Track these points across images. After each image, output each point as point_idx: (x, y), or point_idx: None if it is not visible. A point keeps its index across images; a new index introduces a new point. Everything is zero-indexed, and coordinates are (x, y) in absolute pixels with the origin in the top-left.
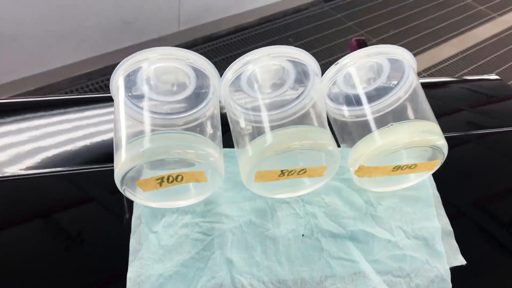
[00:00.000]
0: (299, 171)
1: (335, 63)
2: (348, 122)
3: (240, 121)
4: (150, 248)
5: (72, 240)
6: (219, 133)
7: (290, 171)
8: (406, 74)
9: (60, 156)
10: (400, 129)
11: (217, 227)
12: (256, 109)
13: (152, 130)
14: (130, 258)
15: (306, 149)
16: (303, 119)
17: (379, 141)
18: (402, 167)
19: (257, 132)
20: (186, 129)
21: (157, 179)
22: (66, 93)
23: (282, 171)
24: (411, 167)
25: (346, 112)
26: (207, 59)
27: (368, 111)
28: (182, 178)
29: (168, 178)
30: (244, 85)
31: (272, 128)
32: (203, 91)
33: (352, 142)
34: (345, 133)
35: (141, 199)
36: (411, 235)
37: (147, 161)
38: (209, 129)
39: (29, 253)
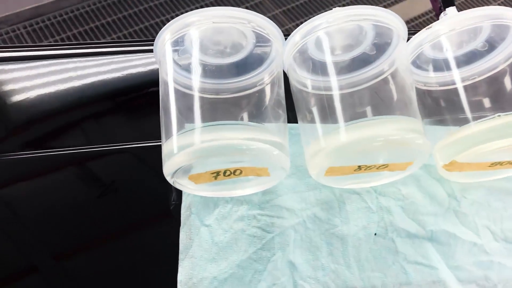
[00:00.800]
0: (379, 166)
1: (426, 27)
2: (432, 91)
3: (306, 89)
4: (202, 245)
5: (112, 225)
6: (282, 108)
7: (369, 166)
8: (510, 38)
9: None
10: (509, 122)
11: (278, 223)
12: (325, 73)
13: (202, 99)
14: (180, 256)
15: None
16: (379, 87)
17: (482, 137)
18: (502, 163)
19: (327, 101)
20: (243, 96)
21: (212, 173)
22: (83, 7)
23: (359, 166)
24: None
25: (431, 79)
26: (269, 20)
27: (458, 78)
28: (240, 172)
29: (224, 172)
30: (311, 47)
31: (344, 97)
32: (263, 54)
33: (435, 115)
34: (426, 104)
35: (192, 189)
36: (500, 237)
37: (200, 159)
38: (268, 98)
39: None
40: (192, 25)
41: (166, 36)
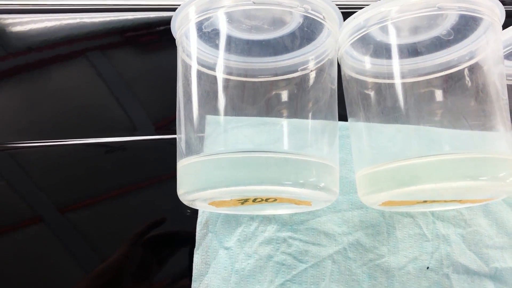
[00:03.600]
0: (449, 200)
1: None
2: None
3: (364, 78)
4: (219, 272)
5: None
6: (332, 105)
7: (437, 201)
8: None
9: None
10: None
11: (313, 251)
12: (388, 57)
13: (226, 84)
14: (193, 284)
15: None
16: (450, 82)
17: None
18: None
19: (389, 93)
20: (279, 82)
21: (239, 200)
22: None
23: (425, 201)
24: None
25: None
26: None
27: None
28: (275, 200)
29: (254, 199)
30: (375, 30)
31: (406, 87)
32: (310, 32)
33: None
34: None
35: (211, 210)
36: None
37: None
38: (314, 89)
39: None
40: (224, 5)
41: (190, 13)
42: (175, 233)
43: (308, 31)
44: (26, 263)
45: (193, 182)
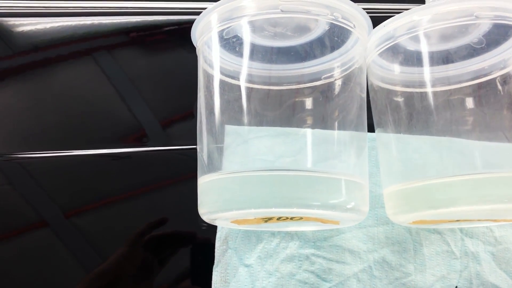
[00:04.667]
0: (484, 220)
1: None
2: None
3: (393, 87)
4: None
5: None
6: (361, 115)
7: (470, 220)
8: None
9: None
10: None
11: (337, 270)
12: (419, 65)
13: (250, 93)
14: None
15: None
16: (482, 91)
17: None
18: None
19: (420, 102)
20: (304, 89)
21: (263, 218)
22: None
23: (458, 220)
24: None
25: None
26: (357, 6)
27: None
28: (300, 218)
29: (279, 217)
30: (404, 39)
31: (438, 95)
32: (336, 40)
33: None
34: None
35: (233, 226)
36: None
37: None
38: (340, 98)
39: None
40: (248, 13)
41: (212, 22)
42: (175, 233)
43: (335, 38)
44: (33, 265)
45: (217, 202)
